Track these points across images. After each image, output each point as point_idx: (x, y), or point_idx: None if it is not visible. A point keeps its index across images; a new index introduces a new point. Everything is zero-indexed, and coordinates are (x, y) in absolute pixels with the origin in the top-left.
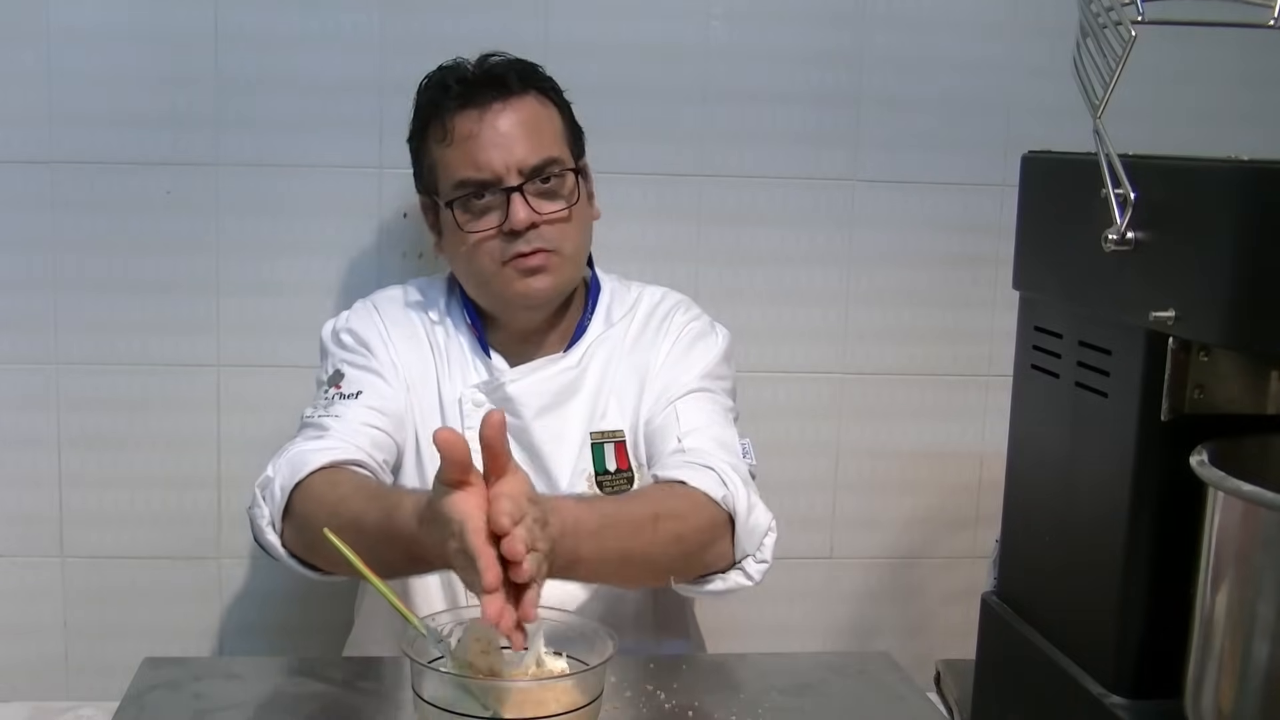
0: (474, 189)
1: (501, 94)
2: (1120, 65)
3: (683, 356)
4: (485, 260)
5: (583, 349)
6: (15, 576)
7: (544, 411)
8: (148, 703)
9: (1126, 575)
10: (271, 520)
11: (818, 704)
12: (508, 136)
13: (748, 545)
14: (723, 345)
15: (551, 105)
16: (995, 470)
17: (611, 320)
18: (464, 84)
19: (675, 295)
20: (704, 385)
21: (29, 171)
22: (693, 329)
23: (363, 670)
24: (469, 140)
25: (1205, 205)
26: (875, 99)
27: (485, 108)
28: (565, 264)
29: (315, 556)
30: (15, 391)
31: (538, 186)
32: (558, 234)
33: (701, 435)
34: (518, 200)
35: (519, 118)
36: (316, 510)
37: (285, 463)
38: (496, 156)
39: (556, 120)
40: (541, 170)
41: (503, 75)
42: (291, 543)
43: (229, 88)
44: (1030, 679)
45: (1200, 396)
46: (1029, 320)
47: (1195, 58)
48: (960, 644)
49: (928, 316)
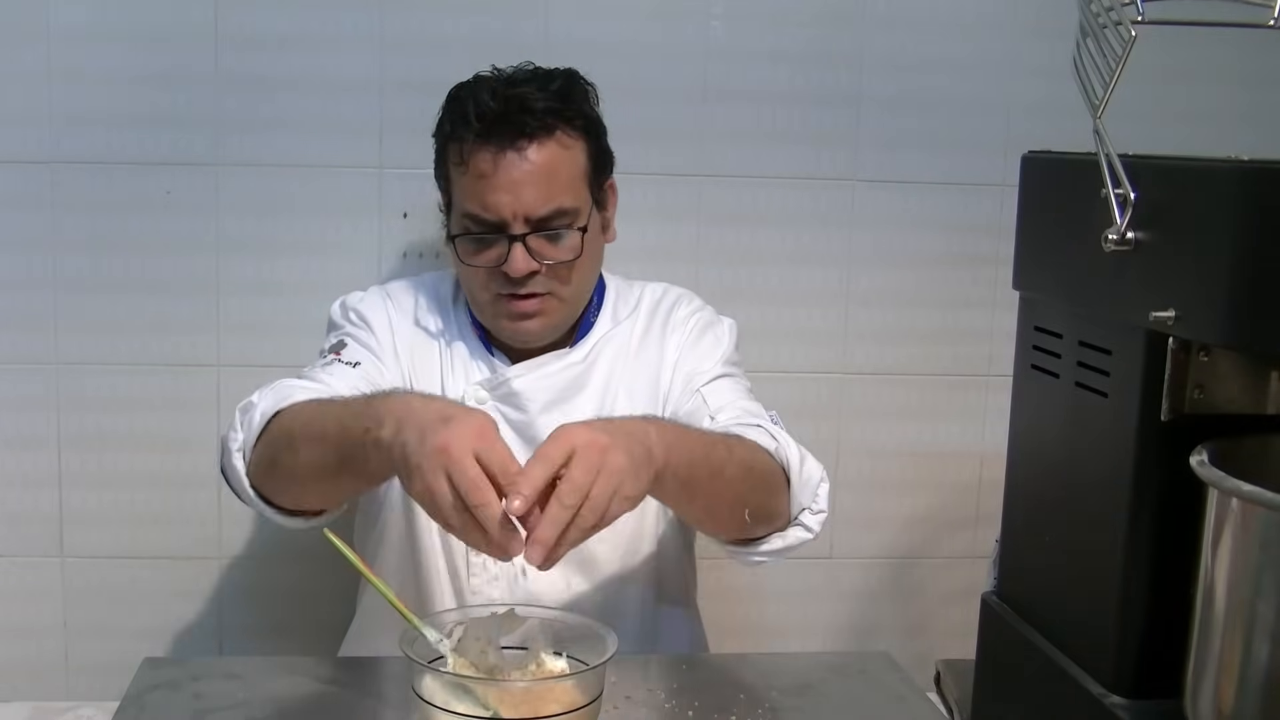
0: (478, 229)
1: (522, 133)
2: (1120, 65)
3: (696, 346)
4: (480, 291)
5: (589, 345)
6: (15, 576)
7: (550, 406)
8: (148, 703)
9: (1126, 575)
10: (243, 448)
11: (818, 704)
12: (519, 184)
13: (803, 497)
14: (733, 334)
15: (577, 140)
16: (995, 470)
17: (618, 318)
18: (484, 120)
19: (676, 289)
20: (725, 370)
21: (29, 171)
22: (700, 319)
23: (363, 670)
24: (481, 179)
25: (1205, 205)
26: (875, 99)
27: (502, 149)
28: (563, 307)
29: (276, 481)
30: (15, 391)
31: (543, 234)
32: (558, 280)
33: (731, 409)
34: (519, 250)
35: (535, 163)
36: (290, 424)
37: (271, 391)
38: (505, 202)
39: (579, 159)
40: (549, 221)
41: (528, 110)
42: (256, 468)
43: (229, 88)
44: (1030, 679)
45: (1200, 396)
46: (1029, 320)
47: (1195, 58)
48: (960, 644)
49: (928, 316)
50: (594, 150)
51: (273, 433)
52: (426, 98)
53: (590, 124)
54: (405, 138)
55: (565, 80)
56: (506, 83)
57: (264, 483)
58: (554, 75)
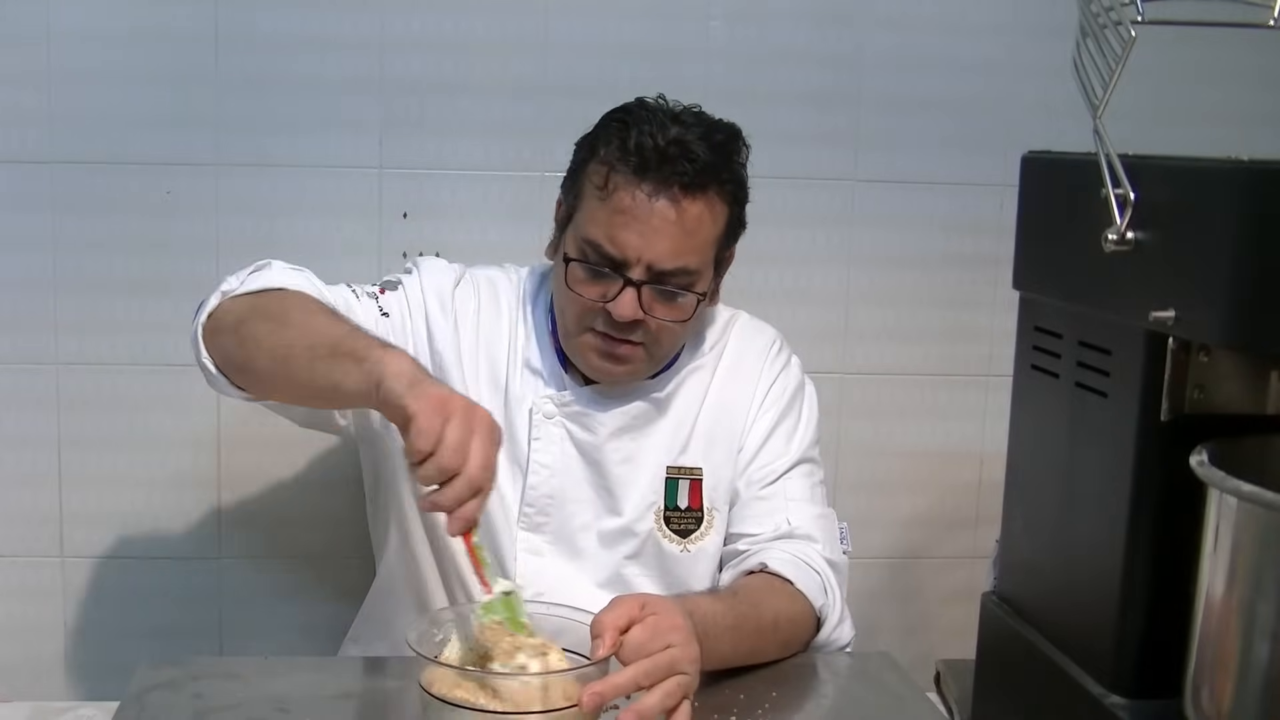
0: (597, 260)
1: (677, 183)
2: (1120, 65)
3: (781, 421)
4: (574, 316)
5: (670, 378)
6: (15, 576)
7: (620, 433)
8: (148, 703)
9: (1126, 575)
10: (231, 291)
11: (818, 704)
12: (656, 231)
13: (820, 652)
14: (815, 406)
15: (723, 206)
16: (995, 470)
17: (701, 349)
18: (642, 155)
19: (767, 333)
20: (806, 455)
21: (29, 171)
22: (788, 385)
23: (363, 670)
24: (619, 214)
25: (1205, 205)
26: (875, 99)
27: (653, 194)
28: (653, 360)
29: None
30: (15, 391)
31: (659, 288)
32: (657, 335)
33: (806, 516)
34: (630, 295)
35: (677, 216)
36: (288, 303)
37: (295, 272)
38: (634, 245)
39: (720, 224)
40: (669, 277)
41: (690, 158)
42: (227, 315)
43: (229, 88)
44: (1030, 679)
45: (1200, 396)
46: (1029, 320)
47: (1195, 58)
48: (960, 644)
49: (928, 316)
50: (733, 217)
51: (267, 299)
52: (426, 97)
53: (739, 190)
54: (405, 138)
55: (728, 136)
56: (674, 120)
57: (217, 336)
58: (719, 127)
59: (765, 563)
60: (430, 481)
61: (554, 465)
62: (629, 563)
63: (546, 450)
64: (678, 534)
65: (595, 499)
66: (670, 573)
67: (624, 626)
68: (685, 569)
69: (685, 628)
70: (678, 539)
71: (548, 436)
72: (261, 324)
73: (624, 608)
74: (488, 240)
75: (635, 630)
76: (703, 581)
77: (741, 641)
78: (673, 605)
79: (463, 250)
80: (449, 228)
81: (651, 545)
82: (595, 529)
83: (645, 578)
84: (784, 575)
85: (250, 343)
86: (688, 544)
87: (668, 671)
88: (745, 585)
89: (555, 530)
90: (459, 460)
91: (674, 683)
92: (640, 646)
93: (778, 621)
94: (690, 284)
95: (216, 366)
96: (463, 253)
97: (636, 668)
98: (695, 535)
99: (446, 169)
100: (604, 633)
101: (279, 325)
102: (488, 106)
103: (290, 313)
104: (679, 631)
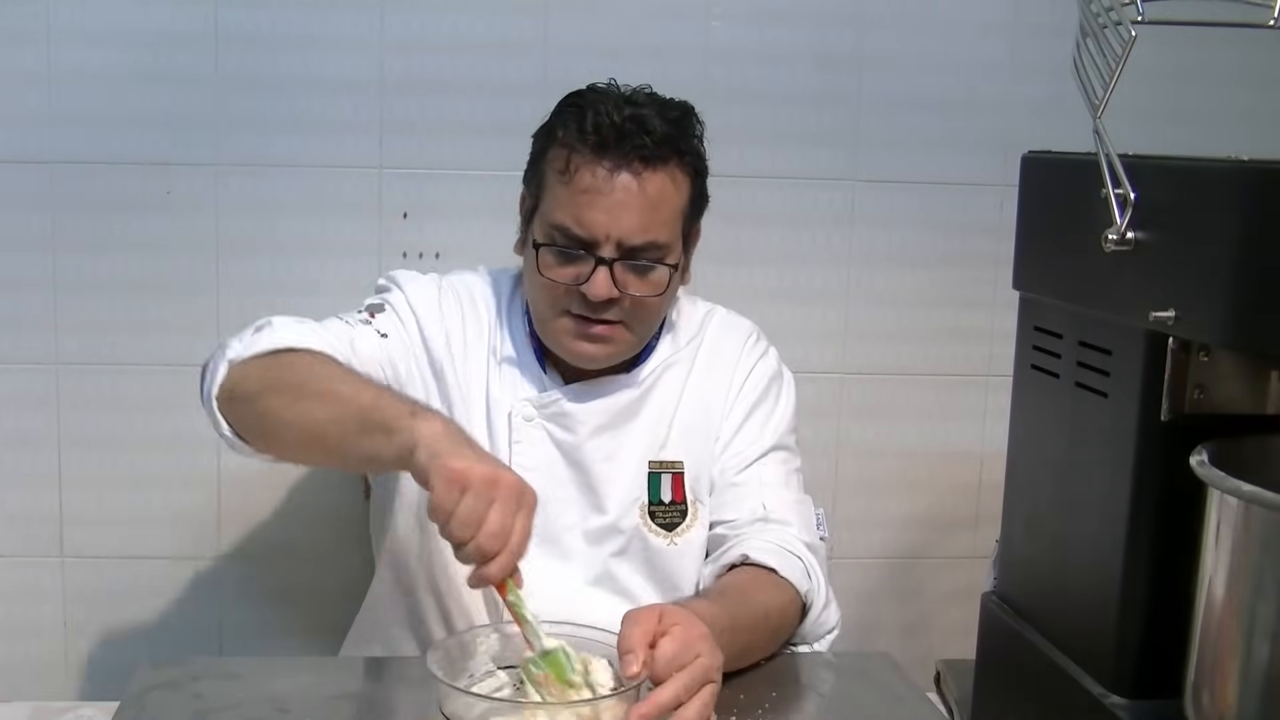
0: (566, 243)
1: (636, 158)
2: (1120, 65)
3: (756, 407)
4: (548, 306)
5: (647, 371)
6: (15, 576)
7: (600, 430)
8: (148, 703)
9: (1126, 575)
10: (238, 357)
11: (818, 704)
12: (621, 206)
13: (809, 637)
14: (793, 393)
15: (684, 177)
16: (995, 470)
17: (679, 343)
18: (600, 133)
19: (744, 326)
20: (781, 442)
21: (29, 171)
22: (765, 373)
23: (363, 670)
24: (583, 194)
25: (1205, 205)
26: (875, 99)
27: (614, 169)
28: (631, 340)
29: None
30: (15, 391)
31: (630, 263)
32: (634, 311)
33: (782, 501)
34: (602, 274)
35: (641, 191)
36: (303, 371)
37: (297, 324)
38: (601, 222)
39: (683, 196)
40: (640, 252)
41: (647, 132)
42: (237, 387)
43: (229, 88)
44: (1030, 679)
45: (1200, 396)
46: (1029, 320)
47: (1195, 58)
48: (960, 644)
49: (928, 316)
50: (696, 191)
51: (279, 367)
52: (426, 98)
53: (699, 163)
54: (405, 138)
55: (682, 112)
56: (627, 101)
57: (234, 405)
58: (672, 104)
59: (747, 554)
60: (451, 543)
61: (536, 467)
62: (616, 559)
63: (528, 453)
64: (663, 528)
65: (579, 498)
66: (658, 567)
67: (650, 641)
68: (673, 562)
69: (709, 635)
70: (664, 533)
71: (528, 439)
72: (280, 397)
73: (645, 622)
74: (488, 240)
75: (664, 644)
76: (691, 573)
77: (737, 640)
78: (688, 613)
79: (463, 250)
80: (449, 228)
81: (638, 541)
82: (581, 528)
83: (634, 573)
84: (767, 565)
85: (271, 418)
86: (674, 537)
87: (703, 681)
88: (731, 583)
89: (541, 531)
90: (468, 532)
91: (708, 691)
92: (673, 659)
93: (768, 614)
94: (661, 257)
95: (236, 434)
96: (463, 253)
97: (676, 682)
98: (681, 528)
99: (446, 169)
100: (634, 649)
101: (298, 398)
102: (488, 106)
103: (308, 382)
104: (705, 640)
